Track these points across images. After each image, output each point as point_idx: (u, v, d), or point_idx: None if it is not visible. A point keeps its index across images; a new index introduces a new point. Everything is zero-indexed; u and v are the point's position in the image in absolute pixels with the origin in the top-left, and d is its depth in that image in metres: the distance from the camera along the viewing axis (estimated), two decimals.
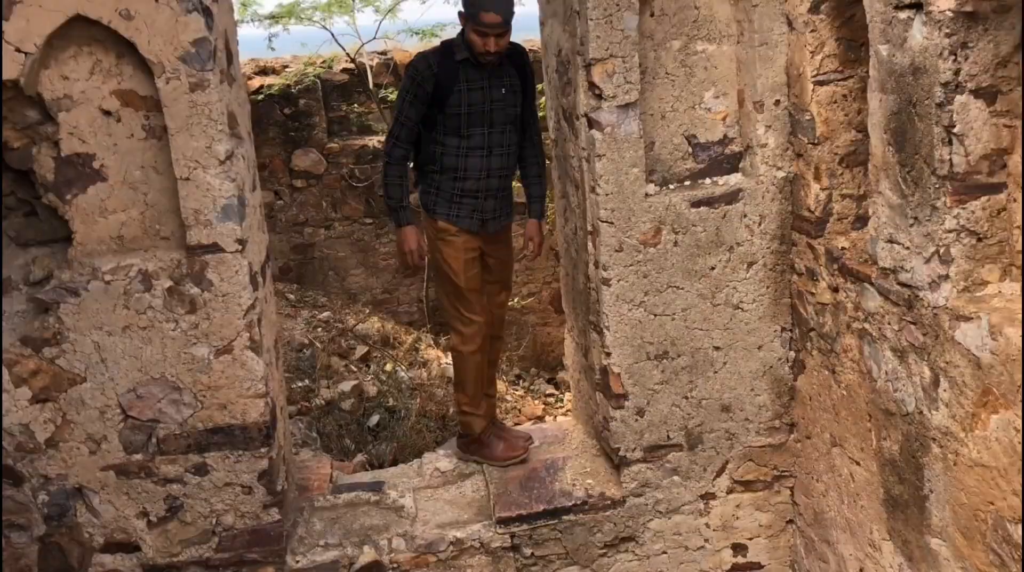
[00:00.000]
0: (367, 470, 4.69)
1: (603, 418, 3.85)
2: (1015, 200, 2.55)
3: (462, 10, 3.79)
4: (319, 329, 6.60)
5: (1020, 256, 2.57)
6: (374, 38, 8.32)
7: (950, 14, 2.44)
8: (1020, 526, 2.40)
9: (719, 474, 3.83)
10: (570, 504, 3.80)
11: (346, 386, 5.82)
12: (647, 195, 3.56)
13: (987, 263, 2.60)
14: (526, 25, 4.87)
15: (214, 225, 3.22)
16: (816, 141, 3.35)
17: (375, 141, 7.88)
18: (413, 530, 3.76)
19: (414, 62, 3.90)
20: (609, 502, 3.81)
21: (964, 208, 2.58)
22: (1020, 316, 2.41)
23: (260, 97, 7.72)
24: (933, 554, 2.84)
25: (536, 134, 4.12)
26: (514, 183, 4.21)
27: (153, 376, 3.31)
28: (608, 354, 3.68)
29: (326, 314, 6.93)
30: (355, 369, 6.18)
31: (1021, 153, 2.51)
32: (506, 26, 3.73)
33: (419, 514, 3.87)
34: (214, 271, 3.26)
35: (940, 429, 2.71)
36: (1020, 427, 2.35)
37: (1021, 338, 2.33)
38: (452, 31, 3.95)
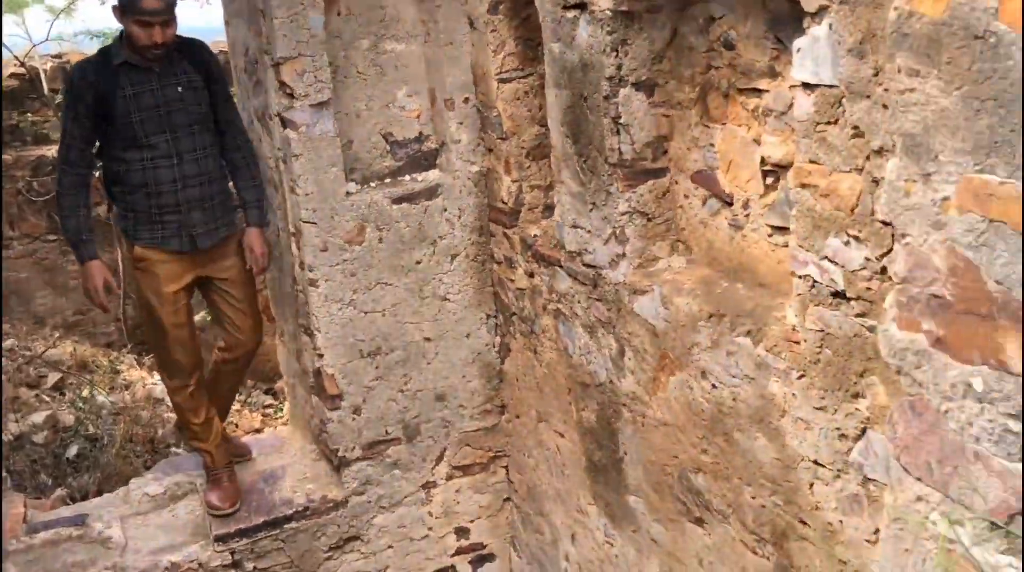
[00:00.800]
0: (68, 505, 4.34)
1: (320, 421, 3.82)
2: (676, 182, 2.83)
3: (116, 3, 3.40)
4: (3, 359, 5.99)
5: (684, 232, 2.86)
6: (46, 40, 7.69)
7: (609, 13, 2.65)
8: (699, 475, 2.67)
9: (438, 462, 3.93)
10: (291, 512, 3.74)
11: (38, 417, 5.34)
12: (348, 194, 3.57)
13: (657, 241, 2.86)
14: (219, 29, 4.69)
15: None
16: (504, 136, 3.53)
17: (53, 150, 7.26)
18: (123, 561, 3.54)
19: (70, 75, 3.51)
20: (331, 504, 3.79)
21: (634, 192, 2.82)
22: (687, 286, 2.68)
23: None
24: (631, 511, 3.09)
25: (239, 134, 3.75)
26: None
27: None
28: (321, 356, 3.66)
29: (10, 342, 6.31)
30: (48, 398, 5.68)
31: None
32: (170, 13, 3.40)
33: (129, 543, 3.64)
34: None
35: (628, 395, 2.95)
36: (693, 386, 2.62)
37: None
38: None
